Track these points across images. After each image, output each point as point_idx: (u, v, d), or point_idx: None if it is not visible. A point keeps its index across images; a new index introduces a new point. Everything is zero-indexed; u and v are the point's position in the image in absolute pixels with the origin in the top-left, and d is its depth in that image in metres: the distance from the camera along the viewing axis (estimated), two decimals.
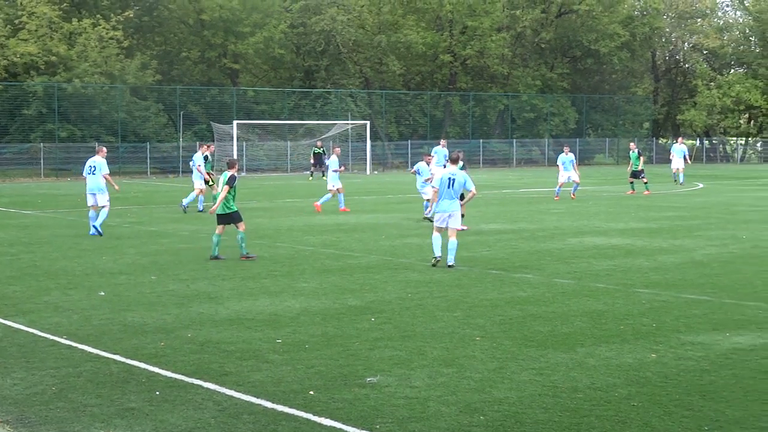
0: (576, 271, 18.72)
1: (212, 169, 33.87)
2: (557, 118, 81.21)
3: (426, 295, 15.89)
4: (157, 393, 10.10)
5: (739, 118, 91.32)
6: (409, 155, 70.53)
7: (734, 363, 11.35)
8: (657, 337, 12.68)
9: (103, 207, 25.26)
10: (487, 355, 11.75)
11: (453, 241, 19.24)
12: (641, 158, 42.35)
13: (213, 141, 59.08)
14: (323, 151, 58.22)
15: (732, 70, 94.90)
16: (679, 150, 48.89)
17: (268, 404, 9.70)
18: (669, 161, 55.44)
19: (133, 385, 10.42)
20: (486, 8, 76.60)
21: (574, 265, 19.53)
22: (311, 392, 10.10)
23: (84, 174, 25.87)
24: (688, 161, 50.13)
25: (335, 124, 66.81)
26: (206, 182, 32.66)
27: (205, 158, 33.00)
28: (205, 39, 68.32)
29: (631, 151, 42.96)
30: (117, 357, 11.70)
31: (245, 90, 70.49)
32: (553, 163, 75.17)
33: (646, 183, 42.18)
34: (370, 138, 66.89)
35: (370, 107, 73.76)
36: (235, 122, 61.60)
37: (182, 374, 10.84)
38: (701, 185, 47.45)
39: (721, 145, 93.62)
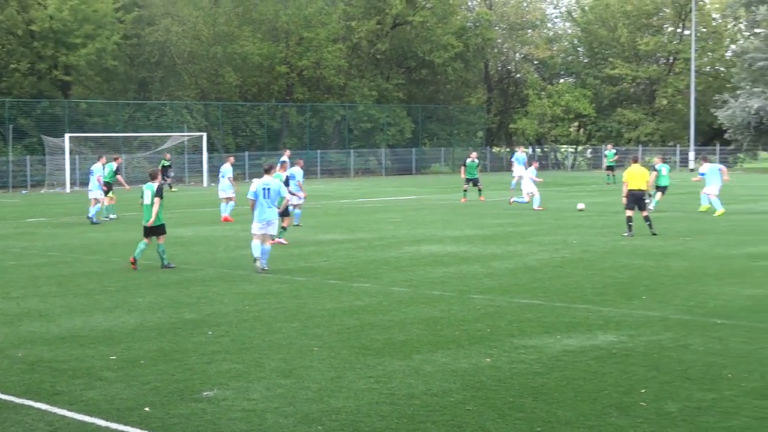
0: (412, 279, 18.93)
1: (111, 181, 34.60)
2: (394, 128, 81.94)
3: (263, 307, 15.84)
4: None
5: (569, 127, 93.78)
6: (247, 167, 70.13)
7: (565, 365, 11.65)
8: (491, 342, 12.93)
9: None
10: (325, 364, 11.78)
11: (266, 247, 20.17)
12: (478, 167, 43.36)
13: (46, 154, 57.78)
14: (170, 164, 57.61)
15: (562, 80, 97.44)
16: (520, 158, 50.56)
17: (102, 422, 9.51)
18: (502, 169, 56.80)
19: None
20: (322, 19, 76.80)
21: (411, 273, 19.75)
22: (147, 409, 9.95)
23: None
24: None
25: (171, 136, 65.95)
26: (105, 193, 33.40)
27: (117, 170, 34.46)
28: (35, 50, 66.48)
29: (470, 160, 43.86)
30: None
31: (77, 102, 68.95)
32: (389, 172, 76.02)
33: (480, 190, 43.02)
34: (207, 150, 66.27)
35: (206, 119, 73.05)
36: (67, 135, 60.14)
37: (12, 395, 10.54)
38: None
39: (552, 153, 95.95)
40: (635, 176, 27.03)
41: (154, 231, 20.80)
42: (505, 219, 32.56)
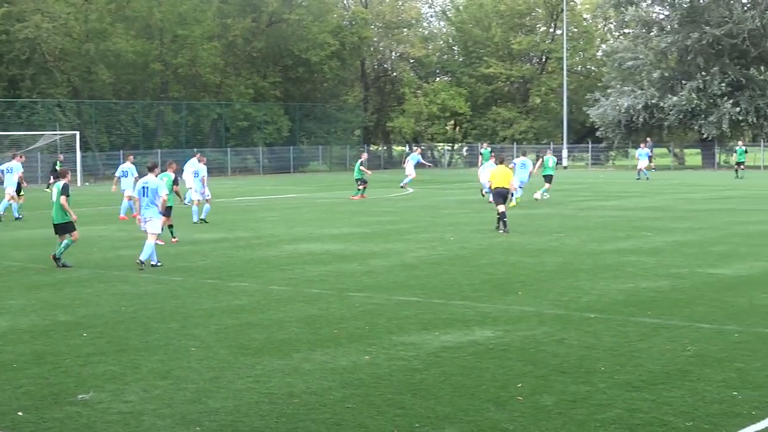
0: (291, 277, 18.89)
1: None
2: (271, 126, 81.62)
3: (140, 308, 15.63)
4: None
5: (446, 125, 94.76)
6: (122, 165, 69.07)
7: (443, 361, 11.77)
8: (370, 339, 12.98)
9: None
10: (203, 365, 11.68)
11: (149, 244, 20.37)
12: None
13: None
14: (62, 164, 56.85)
15: (437, 79, 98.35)
16: (414, 157, 51.92)
17: None
18: (380, 167, 57.45)
19: None
20: (197, 17, 76.07)
21: (290, 271, 19.71)
22: (20, 413, 9.73)
23: None
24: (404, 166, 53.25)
25: (43, 134, 64.57)
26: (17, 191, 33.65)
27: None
28: None
29: (360, 160, 44.71)
30: None
31: None
32: (267, 171, 75.72)
33: (360, 189, 43.21)
34: (81, 149, 65.07)
35: (79, 117, 71.68)
36: None
37: None
38: (411, 190, 48.90)
39: (429, 151, 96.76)
40: (499, 176, 28.12)
41: (64, 229, 20.73)
42: (383, 217, 32.73)
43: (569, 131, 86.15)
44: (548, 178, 40.30)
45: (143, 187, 20.78)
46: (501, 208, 27.17)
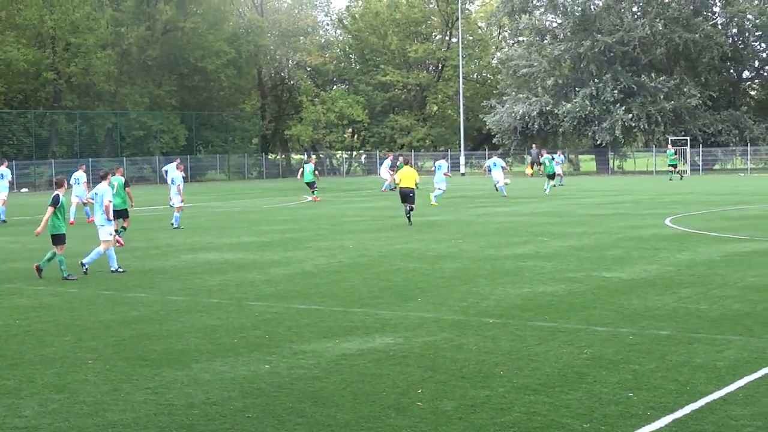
0: (190, 287, 18.72)
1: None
2: (167, 135, 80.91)
3: (35, 320, 15.33)
4: None
5: (344, 133, 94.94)
6: (15, 176, 67.75)
7: (343, 368, 11.77)
8: (270, 348, 12.93)
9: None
10: (101, 377, 11.51)
11: (97, 250, 20.96)
12: (317, 172, 48.55)
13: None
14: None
15: (335, 87, 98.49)
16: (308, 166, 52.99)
17: None
18: (278, 176, 57.38)
19: None
20: (90, 25, 75.06)
21: (188, 281, 19.53)
22: None
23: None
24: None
25: None
26: None
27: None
28: None
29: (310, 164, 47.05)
30: None
31: None
32: (164, 180, 74.86)
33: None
34: None
35: None
36: None
37: None
38: (309, 198, 48.85)
39: (327, 159, 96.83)
40: (406, 176, 31.95)
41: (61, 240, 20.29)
42: (282, 225, 32.64)
43: (466, 138, 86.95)
44: (551, 176, 51.29)
45: (94, 194, 21.52)
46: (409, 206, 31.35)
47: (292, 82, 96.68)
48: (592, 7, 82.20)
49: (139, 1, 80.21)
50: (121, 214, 26.27)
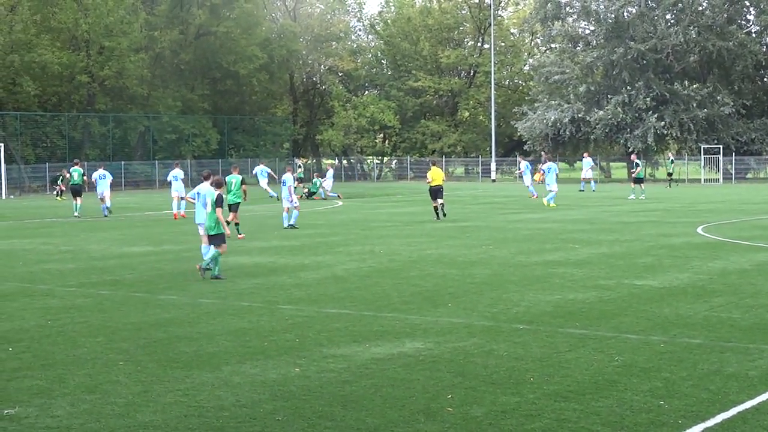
0: (220, 290, 18.78)
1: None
2: (199, 138, 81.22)
3: (67, 321, 15.43)
4: None
5: (375, 138, 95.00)
6: (47, 178, 68.31)
7: (373, 373, 11.77)
8: (300, 352, 12.95)
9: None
10: (132, 379, 11.57)
11: (206, 248, 21.30)
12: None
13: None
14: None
15: (366, 92, 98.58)
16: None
17: None
18: (310, 180, 57.54)
19: None
20: (123, 29, 75.49)
21: (219, 284, 19.59)
22: None
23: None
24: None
25: None
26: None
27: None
28: None
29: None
30: None
31: None
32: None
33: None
34: (5, 161, 64.15)
35: (3, 129, 70.70)
36: None
37: None
38: (341, 203, 48.90)
39: (358, 164, 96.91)
40: (436, 175, 37.08)
41: (217, 240, 20.44)
42: (312, 230, 32.68)
43: (497, 144, 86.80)
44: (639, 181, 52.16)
45: (197, 194, 21.81)
46: (435, 203, 36.35)
47: (323, 86, 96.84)
48: (625, 14, 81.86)
49: (173, 5, 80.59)
50: (232, 208, 29.06)
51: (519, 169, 59.26)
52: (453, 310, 16.23)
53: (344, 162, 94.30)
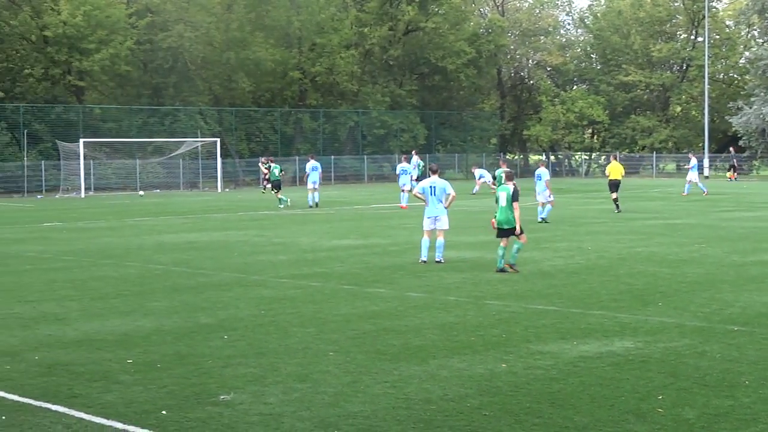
0: (428, 284, 18.92)
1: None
2: (407, 134, 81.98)
3: (279, 312, 15.84)
4: (3, 418, 9.81)
5: (583, 133, 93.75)
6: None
7: (581, 370, 11.63)
8: (507, 348, 12.91)
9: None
10: (341, 369, 11.78)
11: (441, 240, 22.04)
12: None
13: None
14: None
15: (575, 87, 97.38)
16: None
17: (119, 425, 9.53)
18: (518, 176, 57.30)
19: None
20: (334, 26, 76.90)
21: (426, 278, 19.74)
22: (164, 412, 9.96)
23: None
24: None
25: (185, 141, 66.07)
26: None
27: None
28: (49, 56, 66.59)
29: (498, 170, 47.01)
30: None
31: (91, 107, 69.13)
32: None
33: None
34: (221, 155, 66.39)
35: (220, 124, 73.18)
36: (81, 140, 60.35)
37: (29, 398, 10.56)
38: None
39: (566, 160, 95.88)
40: (614, 169, 38.84)
41: (508, 233, 20.69)
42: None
43: (710, 140, 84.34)
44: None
45: (431, 187, 22.06)
46: (614, 195, 38.32)
47: (531, 81, 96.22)
48: None
49: (383, 1, 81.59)
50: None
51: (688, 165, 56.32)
52: (664, 309, 15.88)
53: (551, 158, 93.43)
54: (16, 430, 9.44)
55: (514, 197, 20.50)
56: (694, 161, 53.96)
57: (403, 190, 43.08)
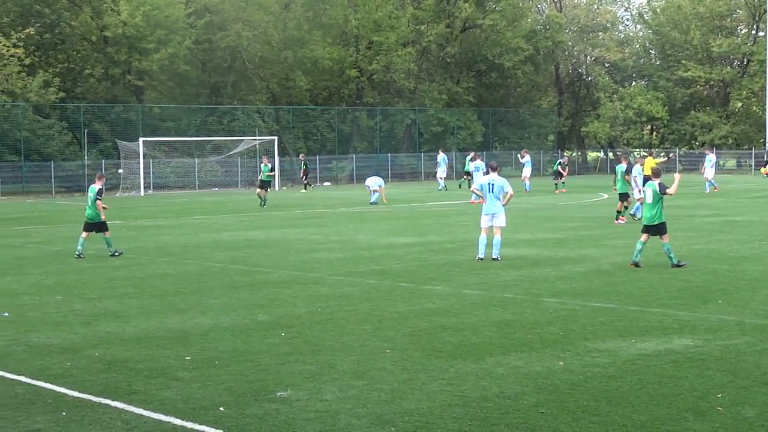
0: (484, 282, 18.87)
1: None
2: (464, 131, 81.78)
3: (336, 309, 15.89)
4: (64, 413, 9.94)
5: (642, 130, 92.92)
6: (318, 170, 70.52)
7: (639, 369, 11.54)
8: (564, 345, 12.85)
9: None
10: (397, 366, 11.79)
11: (498, 238, 22.04)
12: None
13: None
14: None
15: (633, 83, 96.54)
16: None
17: (178, 421, 9.62)
18: (574, 173, 57.13)
19: (38, 407, 10.24)
20: (391, 23, 76.89)
21: (483, 276, 19.69)
22: (221, 408, 10.04)
23: None
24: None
25: (243, 140, 66.45)
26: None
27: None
28: (109, 56, 67.32)
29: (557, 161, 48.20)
30: (22, 378, 11.50)
31: (150, 107, 69.72)
32: (461, 176, 75.87)
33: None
34: (279, 153, 66.67)
35: (277, 123, 73.52)
36: (141, 139, 60.92)
37: (89, 394, 10.70)
38: (606, 195, 48.18)
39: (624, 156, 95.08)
40: (647, 165, 35.43)
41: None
42: (577, 222, 32.35)
43: None
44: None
45: (489, 184, 22.25)
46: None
47: (589, 78, 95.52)
48: None
49: None
50: (622, 197, 31.87)
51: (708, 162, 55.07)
52: (723, 306, 15.71)
53: (609, 154, 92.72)
54: (77, 425, 9.56)
55: (661, 191, 20.47)
56: (711, 158, 53.23)
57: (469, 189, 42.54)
